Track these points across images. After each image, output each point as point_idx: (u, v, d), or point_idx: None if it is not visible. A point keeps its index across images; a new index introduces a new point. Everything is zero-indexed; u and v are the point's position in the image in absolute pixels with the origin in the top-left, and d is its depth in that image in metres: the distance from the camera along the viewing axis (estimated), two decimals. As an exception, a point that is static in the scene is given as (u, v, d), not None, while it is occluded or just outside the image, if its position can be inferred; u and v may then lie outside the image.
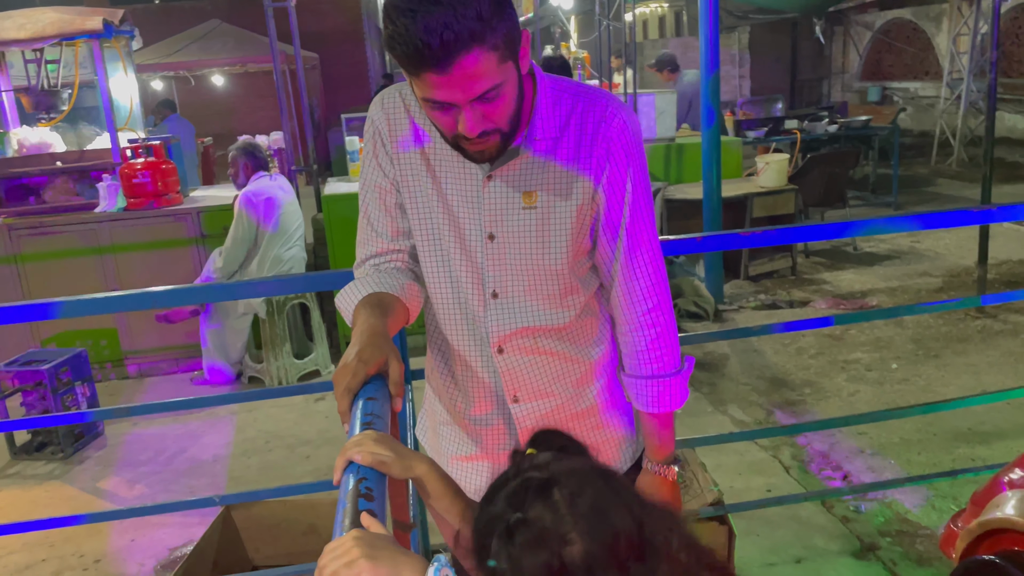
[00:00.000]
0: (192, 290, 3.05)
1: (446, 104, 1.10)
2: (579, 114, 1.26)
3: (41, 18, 4.61)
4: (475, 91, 1.08)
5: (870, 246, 6.62)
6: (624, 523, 0.84)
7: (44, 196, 4.90)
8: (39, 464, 3.90)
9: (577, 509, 0.83)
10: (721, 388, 4.18)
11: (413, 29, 1.01)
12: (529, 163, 1.26)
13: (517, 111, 1.18)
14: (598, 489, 0.86)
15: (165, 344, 4.85)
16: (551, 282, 1.31)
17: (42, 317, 2.06)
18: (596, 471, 0.89)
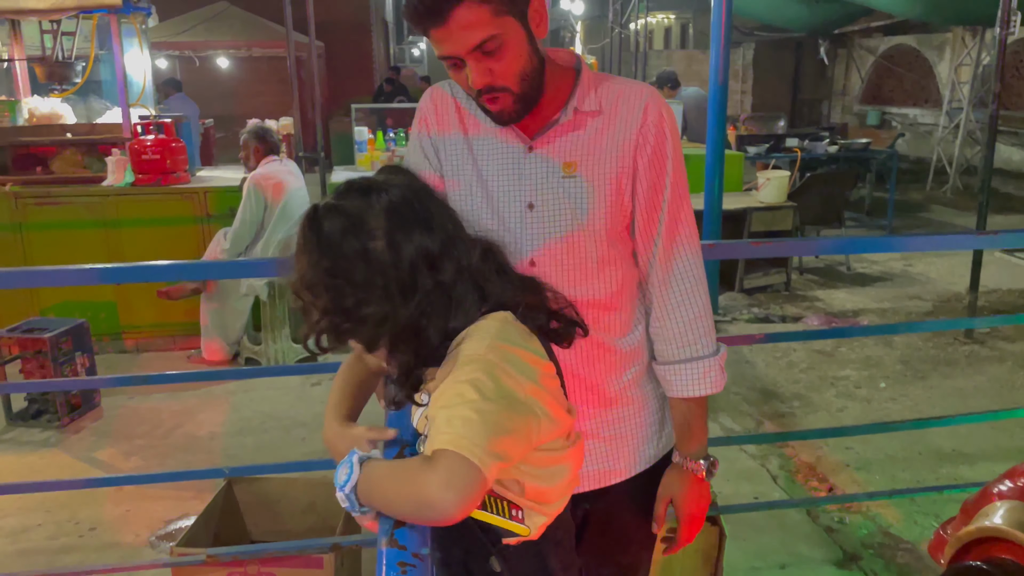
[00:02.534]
0: (195, 266, 3.10)
1: (453, 59, 1.21)
2: (623, 95, 1.34)
3: (61, -11, 4.62)
4: (471, 42, 1.18)
5: (863, 267, 6.72)
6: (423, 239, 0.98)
7: (51, 166, 4.92)
8: (35, 431, 3.92)
9: (385, 211, 0.97)
10: (713, 397, 4.23)
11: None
12: (571, 134, 1.33)
13: (533, 75, 1.25)
14: (415, 203, 1.01)
15: (164, 320, 4.88)
16: (589, 246, 1.34)
17: (46, 284, 2.10)
18: (414, 187, 1.04)
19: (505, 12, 1.19)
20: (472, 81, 1.22)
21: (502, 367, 0.95)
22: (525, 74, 1.25)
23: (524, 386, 0.96)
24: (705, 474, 1.44)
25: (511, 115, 1.28)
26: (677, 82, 7.41)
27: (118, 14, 4.74)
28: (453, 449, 0.87)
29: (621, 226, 1.36)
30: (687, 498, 1.45)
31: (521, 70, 1.24)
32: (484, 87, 1.23)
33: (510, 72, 1.23)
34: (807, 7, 9.74)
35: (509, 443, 0.92)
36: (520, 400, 0.95)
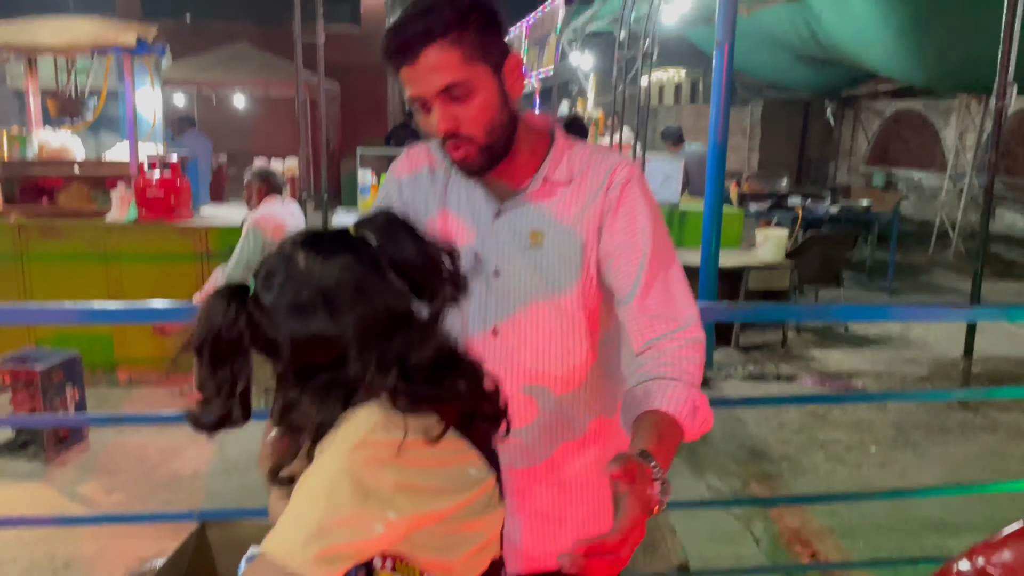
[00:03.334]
0: (193, 308, 3.11)
1: (422, 100, 1.22)
2: (594, 163, 1.33)
3: (77, 28, 4.75)
4: (438, 84, 1.19)
5: (861, 328, 6.70)
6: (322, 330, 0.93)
7: (58, 199, 5.00)
8: (20, 463, 3.92)
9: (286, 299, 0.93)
10: (701, 454, 4.23)
11: (388, 33, 1.21)
12: (539, 203, 1.33)
13: (501, 128, 1.25)
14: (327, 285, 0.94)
15: (159, 354, 4.90)
16: (554, 319, 1.31)
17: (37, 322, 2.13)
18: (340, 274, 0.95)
19: (477, 60, 1.20)
20: (436, 125, 1.23)
21: (360, 466, 0.91)
22: (492, 126, 1.25)
23: (384, 482, 0.92)
24: (659, 486, 1.13)
25: (474, 165, 1.28)
26: (681, 138, 7.51)
27: (132, 54, 4.86)
28: (270, 556, 0.87)
29: (591, 300, 1.33)
30: (637, 492, 1.13)
31: (488, 121, 1.24)
32: (448, 132, 1.23)
33: (476, 121, 1.23)
34: (813, 69, 9.88)
35: (351, 546, 0.90)
36: (379, 496, 0.91)
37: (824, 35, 7.68)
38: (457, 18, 1.18)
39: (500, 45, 1.25)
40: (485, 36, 1.22)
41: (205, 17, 16.37)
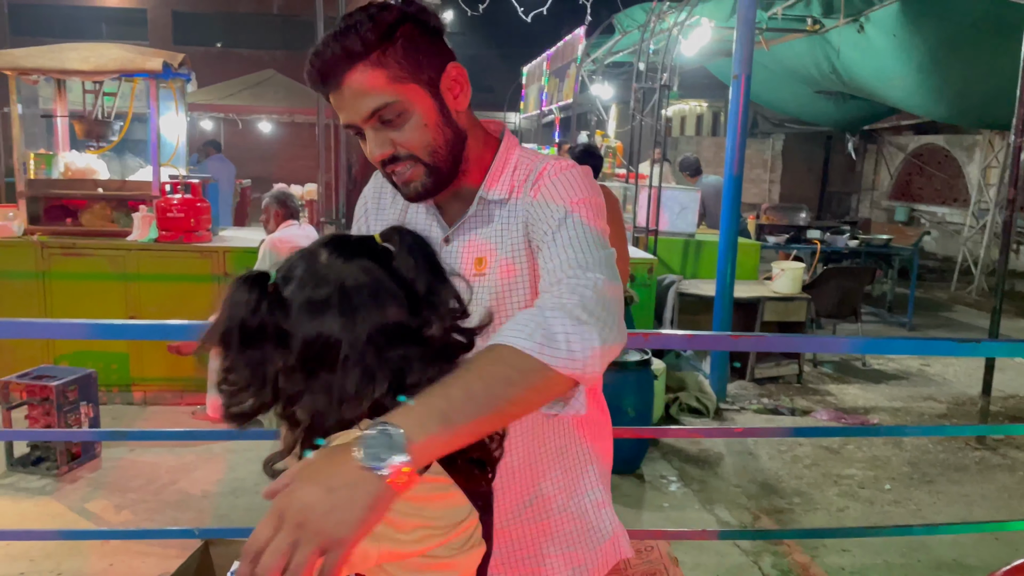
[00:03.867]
0: (202, 327, 3.15)
1: (354, 128, 1.16)
2: (525, 176, 1.24)
3: (105, 53, 4.87)
4: (365, 109, 1.13)
5: (879, 363, 6.63)
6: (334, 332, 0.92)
7: (81, 219, 5.09)
8: (33, 478, 3.96)
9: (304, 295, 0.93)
10: (712, 487, 4.18)
11: (309, 57, 1.14)
12: (480, 228, 1.25)
13: (445, 149, 1.18)
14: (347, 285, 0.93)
15: (173, 375, 4.95)
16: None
17: (65, 336, 2.17)
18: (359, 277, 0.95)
19: (406, 79, 1.13)
20: (370, 152, 1.16)
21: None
22: (433, 147, 1.17)
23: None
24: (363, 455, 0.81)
25: (420, 191, 1.20)
26: (699, 169, 7.52)
27: (158, 79, 4.96)
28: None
29: None
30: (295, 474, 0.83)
31: (429, 142, 1.17)
32: (384, 159, 1.17)
33: (415, 143, 1.16)
34: (834, 104, 9.85)
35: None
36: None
37: (844, 69, 7.67)
38: (378, 35, 1.11)
39: (435, 58, 1.16)
40: (415, 50, 1.14)
41: (234, 45, 16.73)
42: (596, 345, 0.96)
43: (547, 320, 0.96)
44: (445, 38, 1.21)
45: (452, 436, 0.86)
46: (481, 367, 0.91)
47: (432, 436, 0.84)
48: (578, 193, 1.19)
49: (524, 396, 0.92)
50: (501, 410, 0.90)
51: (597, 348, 0.96)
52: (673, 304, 5.93)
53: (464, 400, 0.87)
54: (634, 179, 6.65)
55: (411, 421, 0.83)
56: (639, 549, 2.24)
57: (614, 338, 1.00)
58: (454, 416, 0.85)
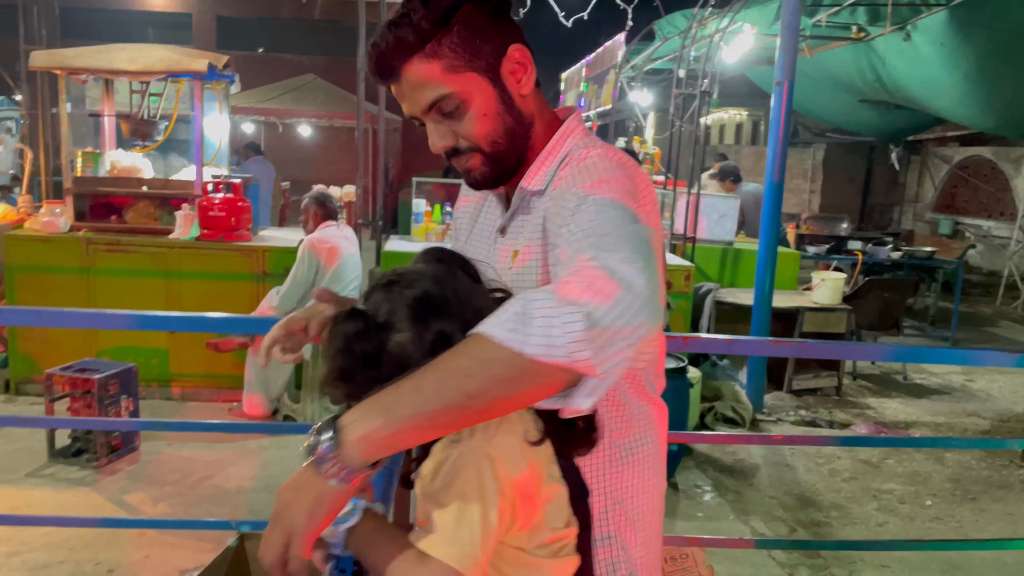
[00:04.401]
0: (246, 321, 3.19)
1: (417, 120, 1.13)
2: (565, 164, 1.15)
3: (152, 54, 4.96)
4: (422, 102, 1.09)
5: (921, 377, 6.50)
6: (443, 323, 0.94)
7: (125, 216, 5.19)
8: (73, 469, 4.03)
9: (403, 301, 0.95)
10: (747, 497, 4.12)
11: (368, 50, 1.12)
12: (520, 218, 1.19)
13: (507, 137, 1.13)
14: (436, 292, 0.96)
15: (211, 371, 5.01)
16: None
17: (111, 327, 2.20)
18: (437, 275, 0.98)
19: (463, 68, 1.08)
20: (432, 144, 1.13)
21: (493, 469, 0.93)
22: (495, 136, 1.12)
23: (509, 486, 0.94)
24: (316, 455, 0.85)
25: (483, 180, 1.17)
26: (739, 177, 7.44)
27: (202, 80, 5.04)
28: (454, 565, 0.88)
29: None
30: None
31: (488, 132, 1.12)
32: (445, 150, 1.14)
33: (475, 134, 1.12)
34: (878, 114, 9.69)
35: (491, 546, 0.93)
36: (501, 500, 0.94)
37: (889, 78, 7.55)
38: (432, 23, 1.06)
39: (496, 40, 1.10)
40: (473, 35, 1.08)
41: (276, 50, 16.96)
42: (578, 327, 0.79)
43: (528, 303, 0.82)
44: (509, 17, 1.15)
45: (394, 431, 0.82)
46: (444, 359, 0.84)
47: (368, 431, 0.82)
48: (598, 174, 1.05)
49: (488, 389, 0.81)
50: (457, 404, 0.81)
51: (580, 330, 0.79)
52: (710, 312, 5.86)
53: (412, 392, 0.82)
54: (672, 186, 6.59)
55: (353, 416, 0.84)
56: (674, 556, 2.21)
57: (617, 317, 0.80)
58: (396, 409, 0.82)
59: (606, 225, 0.94)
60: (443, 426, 0.85)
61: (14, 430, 4.35)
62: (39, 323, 2.28)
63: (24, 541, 3.26)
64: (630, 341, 0.82)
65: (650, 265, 0.86)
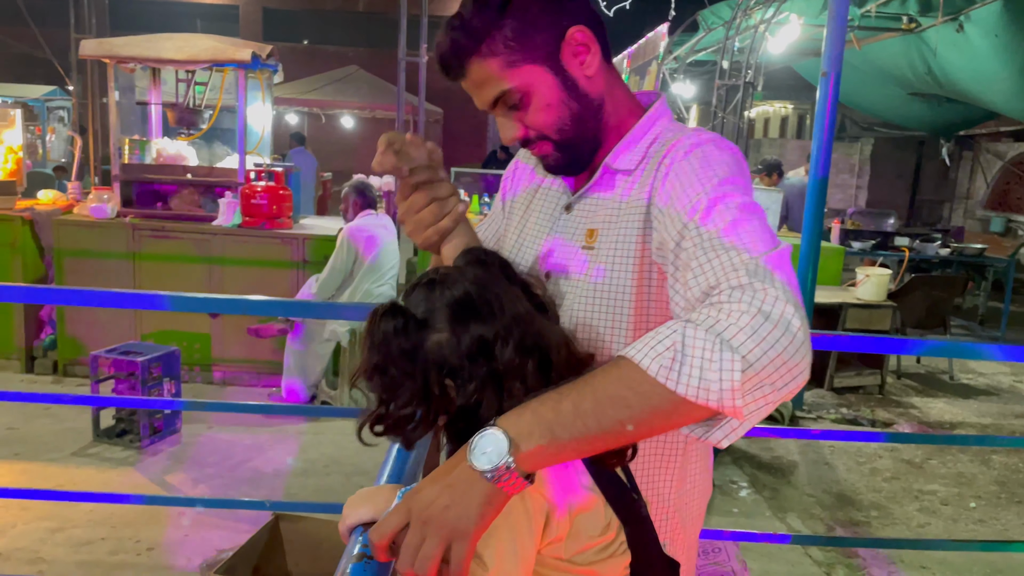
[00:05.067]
0: (284, 304, 3.23)
1: (488, 112, 1.15)
2: (660, 144, 1.12)
3: (198, 44, 5.04)
4: (486, 99, 1.11)
5: (968, 378, 6.34)
6: (481, 329, 0.94)
7: (170, 203, 5.28)
8: (117, 449, 4.13)
9: (443, 304, 0.95)
10: (784, 495, 4.06)
11: (433, 52, 1.14)
12: (599, 196, 1.16)
13: (575, 123, 1.12)
14: (477, 295, 0.96)
15: (251, 357, 5.09)
16: (606, 334, 1.11)
17: (151, 307, 2.24)
18: (478, 278, 0.99)
19: (521, 62, 1.08)
20: (502, 137, 1.15)
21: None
22: (561, 124, 1.12)
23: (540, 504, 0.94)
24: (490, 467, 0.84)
25: (557, 166, 1.17)
26: (782, 171, 7.32)
27: (246, 69, 5.11)
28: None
29: (658, 306, 1.09)
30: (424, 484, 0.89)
31: (555, 121, 1.11)
32: (515, 141, 1.14)
33: (541, 124, 1.12)
34: (928, 107, 9.45)
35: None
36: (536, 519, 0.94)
37: (940, 71, 7.35)
38: (484, 23, 1.07)
39: (554, 27, 1.09)
40: (528, 25, 1.07)
41: (320, 42, 17.13)
42: (737, 377, 0.81)
43: (685, 338, 0.83)
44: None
45: (558, 451, 0.86)
46: (598, 383, 0.86)
47: (538, 447, 0.85)
48: (714, 174, 1.01)
49: (644, 419, 0.84)
50: (615, 431, 0.85)
51: (738, 380, 0.81)
52: (750, 307, 5.77)
53: (572, 416, 0.85)
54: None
55: (519, 429, 0.85)
56: (705, 550, 2.18)
57: (774, 369, 0.82)
58: (559, 431, 0.85)
59: (746, 241, 0.92)
60: (598, 449, 0.89)
61: (61, 410, 4.46)
62: (85, 303, 2.34)
63: (67, 518, 3.34)
64: (782, 392, 0.85)
65: (800, 304, 0.86)
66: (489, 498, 0.84)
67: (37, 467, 3.87)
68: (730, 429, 0.88)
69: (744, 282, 0.87)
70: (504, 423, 0.86)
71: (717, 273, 0.90)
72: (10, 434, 4.21)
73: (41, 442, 4.13)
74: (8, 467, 3.86)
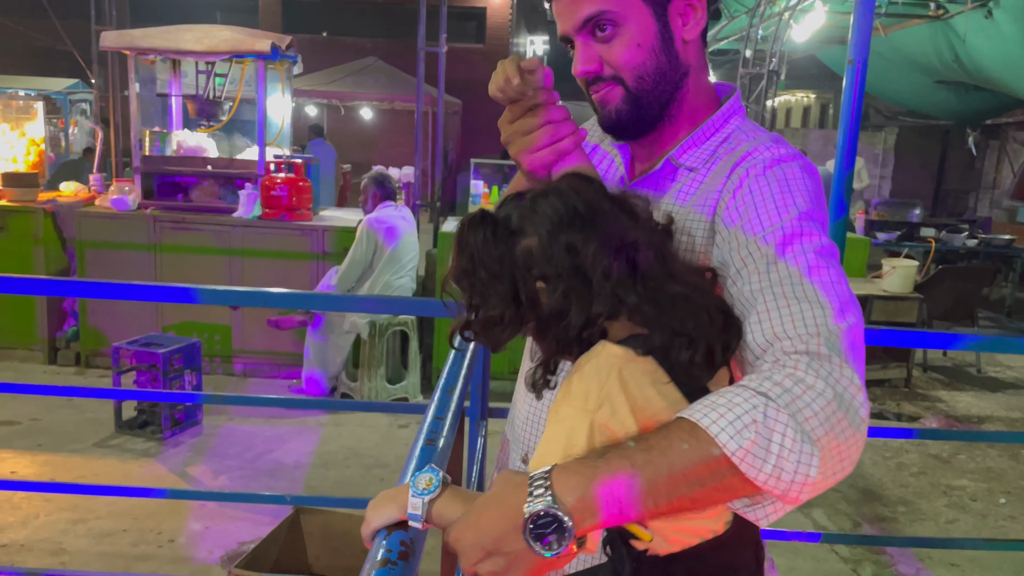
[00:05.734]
0: (304, 296, 3.22)
1: (567, 40, 1.08)
2: (731, 145, 1.07)
3: (218, 35, 5.03)
4: (580, 15, 1.04)
5: (995, 371, 6.23)
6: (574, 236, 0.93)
7: (191, 195, 5.29)
8: (139, 440, 4.14)
9: (537, 212, 0.94)
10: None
11: None
12: (656, 190, 1.11)
13: (656, 76, 1.06)
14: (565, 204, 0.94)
15: (272, 349, 5.09)
16: None
17: (181, 300, 2.23)
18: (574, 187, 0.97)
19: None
20: (575, 67, 1.07)
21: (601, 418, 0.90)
22: (643, 71, 1.05)
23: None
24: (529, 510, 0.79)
25: (618, 118, 1.09)
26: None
27: (266, 60, 5.09)
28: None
29: None
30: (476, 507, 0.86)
31: (638, 64, 1.05)
32: (586, 74, 1.07)
33: (624, 62, 1.05)
34: (955, 95, 9.31)
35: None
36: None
37: (968, 58, 7.22)
38: None
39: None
40: None
41: (339, 33, 17.12)
42: (812, 476, 0.76)
43: (767, 419, 0.77)
44: None
45: (619, 521, 0.81)
46: (675, 458, 0.78)
47: (603, 521, 0.79)
48: (794, 205, 0.95)
49: (713, 497, 0.80)
50: (680, 505, 0.80)
51: (812, 480, 0.76)
52: (773, 299, 5.70)
53: (645, 494, 0.78)
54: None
55: (586, 504, 0.78)
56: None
57: (836, 464, 0.78)
58: (629, 511, 0.79)
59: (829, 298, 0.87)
60: (660, 516, 0.83)
61: (83, 402, 4.48)
62: (106, 296, 2.33)
63: (90, 509, 3.35)
64: (830, 480, 0.79)
65: (864, 387, 0.82)
66: (539, 568, 0.81)
67: (59, 458, 3.89)
68: (773, 511, 0.83)
69: (823, 352, 0.82)
70: (566, 494, 0.78)
71: (787, 327, 0.85)
72: (33, 425, 4.24)
73: (63, 433, 4.16)
74: (31, 458, 3.88)
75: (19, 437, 4.10)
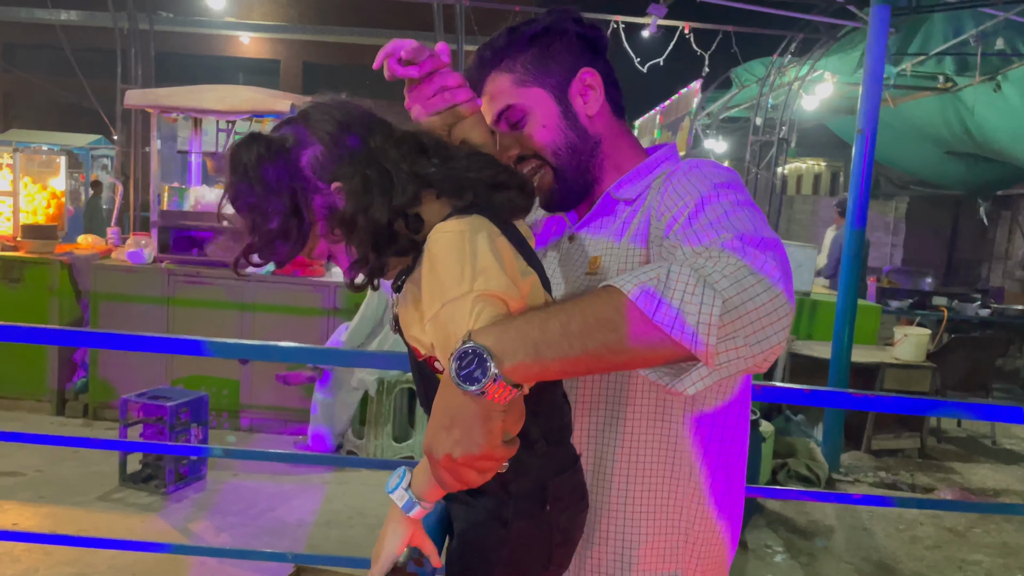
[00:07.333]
0: (314, 351, 3.23)
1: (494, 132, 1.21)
2: (656, 178, 1.17)
3: (239, 95, 5.16)
4: (493, 111, 1.19)
5: (1011, 443, 6.13)
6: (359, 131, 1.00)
7: (206, 250, 5.35)
8: (142, 495, 4.11)
9: (312, 124, 1.00)
10: (821, 562, 3.91)
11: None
12: (601, 224, 1.20)
13: (569, 152, 1.18)
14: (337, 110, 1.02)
15: (279, 404, 5.08)
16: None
17: (190, 352, 2.24)
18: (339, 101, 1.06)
19: (530, 83, 1.17)
20: (499, 153, 1.18)
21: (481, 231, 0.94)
22: (556, 148, 1.18)
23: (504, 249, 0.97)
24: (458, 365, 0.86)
25: (553, 195, 1.20)
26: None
27: (285, 120, 5.20)
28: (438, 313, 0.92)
29: None
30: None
31: (549, 143, 1.18)
32: (511, 159, 1.19)
33: (535, 143, 1.18)
34: (966, 165, 9.38)
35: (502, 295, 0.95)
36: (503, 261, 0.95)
37: (978, 130, 7.30)
38: (510, 46, 1.18)
39: (567, 65, 1.18)
40: (547, 57, 1.18)
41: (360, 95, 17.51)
42: (716, 312, 0.83)
43: (670, 272, 0.86)
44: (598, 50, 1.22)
45: (542, 369, 0.87)
46: (586, 306, 0.87)
47: (521, 363, 0.85)
48: (709, 182, 1.05)
49: (622, 347, 0.86)
50: (597, 354, 0.86)
51: (716, 316, 0.83)
52: (784, 365, 5.67)
53: (559, 336, 0.85)
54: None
55: (503, 346, 0.85)
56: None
57: (749, 325, 0.84)
58: (545, 350, 0.85)
59: (743, 224, 0.95)
60: (580, 372, 0.93)
61: (88, 454, 4.46)
62: (115, 346, 2.35)
63: (90, 563, 3.31)
64: (754, 350, 0.86)
65: (790, 274, 0.89)
66: (485, 413, 0.85)
67: (62, 511, 3.85)
68: (698, 377, 0.88)
69: (736, 245, 0.90)
70: (485, 339, 0.85)
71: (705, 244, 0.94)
72: (37, 476, 4.22)
73: (67, 485, 4.13)
74: (33, 510, 3.85)
75: (22, 488, 4.07)
